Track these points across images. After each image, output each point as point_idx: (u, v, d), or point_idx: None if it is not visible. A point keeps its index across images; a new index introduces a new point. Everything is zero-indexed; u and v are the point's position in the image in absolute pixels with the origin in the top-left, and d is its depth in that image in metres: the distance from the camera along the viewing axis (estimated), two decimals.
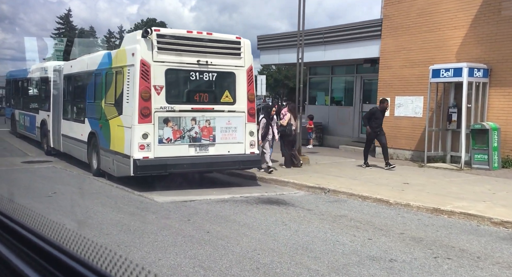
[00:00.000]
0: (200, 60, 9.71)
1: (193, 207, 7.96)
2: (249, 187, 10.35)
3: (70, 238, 1.59)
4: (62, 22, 79.11)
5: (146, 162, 9.37)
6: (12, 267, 1.30)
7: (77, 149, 13.03)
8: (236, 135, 10.20)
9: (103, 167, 11.16)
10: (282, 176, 10.97)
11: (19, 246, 1.40)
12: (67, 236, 1.61)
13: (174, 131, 9.66)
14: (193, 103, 9.84)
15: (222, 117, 10.05)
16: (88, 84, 12.33)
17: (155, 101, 9.46)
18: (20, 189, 9.63)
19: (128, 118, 9.68)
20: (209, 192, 9.64)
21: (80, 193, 9.35)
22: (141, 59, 9.32)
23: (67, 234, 1.62)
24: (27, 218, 1.81)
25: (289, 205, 8.15)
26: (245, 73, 10.26)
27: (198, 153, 9.90)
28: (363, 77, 16.81)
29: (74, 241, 1.57)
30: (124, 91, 9.89)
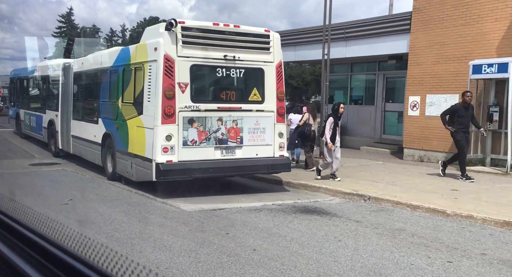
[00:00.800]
0: (227, 55, 8.95)
1: (226, 217, 7.21)
2: (277, 192, 9.60)
3: (71, 237, 1.56)
4: (63, 20, 78.31)
5: (169, 166, 8.62)
6: (13, 266, 1.32)
7: (90, 151, 12.27)
8: (264, 137, 9.44)
9: (119, 170, 10.41)
10: (311, 180, 10.22)
11: (20, 245, 1.42)
12: (68, 235, 1.58)
13: (199, 133, 8.91)
14: (219, 102, 9.08)
15: (250, 117, 9.29)
16: (102, 82, 11.57)
17: (179, 100, 8.71)
18: (32, 196, 8.88)
19: (149, 119, 8.93)
20: (236, 198, 8.89)
21: (98, 200, 8.60)
22: (164, 54, 8.56)
23: (68, 233, 1.59)
24: (27, 217, 1.81)
25: (332, 215, 7.38)
26: (274, 69, 9.49)
27: (225, 156, 9.14)
28: (385, 75, 16.05)
29: (75, 240, 1.54)
30: (145, 89, 9.14)
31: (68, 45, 55.53)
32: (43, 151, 16.19)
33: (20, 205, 2.05)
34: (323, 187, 9.41)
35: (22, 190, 9.63)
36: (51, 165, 13.68)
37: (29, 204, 7.13)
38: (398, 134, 15.71)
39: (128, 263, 1.25)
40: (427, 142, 12.75)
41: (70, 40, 69.00)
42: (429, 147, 12.76)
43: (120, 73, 10.35)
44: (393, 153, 14.98)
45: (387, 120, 16.17)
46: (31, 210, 1.92)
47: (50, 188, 9.79)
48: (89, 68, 12.48)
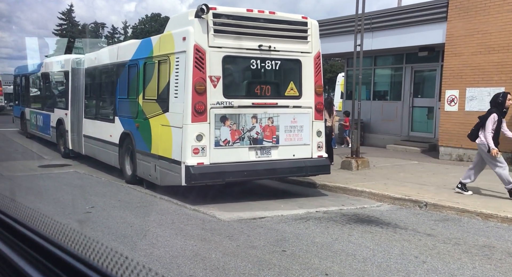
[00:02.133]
0: (262, 45, 8.07)
1: (271, 228, 6.34)
2: (315, 197, 8.72)
3: (72, 238, 1.55)
4: (64, 18, 77.29)
5: (201, 169, 7.76)
6: (14, 266, 1.32)
7: (105, 152, 11.41)
8: (302, 136, 8.57)
9: (140, 173, 9.56)
10: (350, 182, 9.37)
11: (22, 246, 1.42)
12: (69, 236, 1.56)
13: (233, 132, 8.04)
14: (254, 97, 8.21)
15: (286, 114, 8.42)
16: (119, 78, 10.69)
17: (211, 95, 7.84)
18: (49, 202, 8.03)
19: (177, 117, 8.06)
20: (273, 204, 8.03)
21: (122, 207, 7.75)
22: (194, 44, 7.68)
23: (69, 233, 1.58)
24: (29, 218, 1.79)
25: (393, 226, 6.48)
26: (312, 60, 8.61)
27: (260, 157, 8.28)
28: (414, 68, 15.14)
29: (76, 240, 1.52)
30: (171, 84, 8.27)
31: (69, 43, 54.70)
32: (51, 152, 15.36)
33: (21, 205, 1.99)
34: (366, 191, 8.54)
35: (36, 195, 8.78)
36: (62, 166, 12.85)
37: (48, 212, 6.05)
38: (428, 131, 14.83)
39: (128, 262, 1.24)
40: (467, 140, 11.81)
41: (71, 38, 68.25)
42: (469, 145, 11.81)
43: (141, 67, 9.47)
44: (424, 152, 14.09)
45: (416, 116, 15.26)
46: (32, 210, 1.88)
47: (67, 193, 8.93)
48: (103, 63, 11.60)
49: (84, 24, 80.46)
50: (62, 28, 76.74)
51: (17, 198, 7.87)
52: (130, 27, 77.84)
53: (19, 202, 2.02)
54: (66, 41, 56.67)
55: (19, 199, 4.85)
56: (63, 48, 55.30)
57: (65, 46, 44.75)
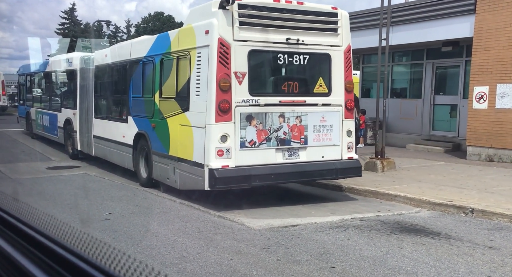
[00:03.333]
0: (290, 38, 7.50)
1: (309, 239, 5.78)
2: (345, 202, 8.16)
3: (76, 237, 1.53)
4: (66, 17, 76.76)
5: (226, 173, 7.20)
6: (18, 265, 1.32)
7: (117, 154, 10.87)
8: (331, 136, 8.01)
9: (156, 176, 9.02)
10: (380, 186, 8.80)
11: (25, 245, 1.42)
12: (72, 235, 1.55)
13: (259, 132, 7.48)
14: (281, 95, 7.65)
15: (315, 112, 7.86)
16: (132, 76, 10.14)
17: (236, 92, 7.28)
18: (64, 209, 7.50)
19: (198, 116, 7.51)
20: (302, 210, 7.48)
21: (142, 214, 7.21)
22: (219, 38, 7.12)
23: (72, 232, 1.57)
24: (32, 217, 1.78)
25: (446, 237, 5.84)
26: (343, 54, 8.04)
27: (287, 159, 7.72)
28: (435, 64, 14.54)
29: (80, 239, 1.51)
30: (192, 81, 7.71)
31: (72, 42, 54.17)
32: (59, 153, 14.85)
33: (23, 203, 1.97)
34: (400, 195, 7.97)
35: (49, 200, 8.26)
36: (71, 168, 12.34)
37: (64, 219, 5.59)
38: (451, 130, 14.24)
39: (131, 261, 1.23)
40: (498, 139, 11.27)
41: (73, 37, 67.74)
42: (500, 144, 11.30)
43: (157, 64, 8.92)
44: (447, 152, 13.50)
45: (437, 115, 14.66)
46: (34, 209, 1.85)
47: (81, 198, 8.40)
48: (115, 60, 11.05)
49: (87, 23, 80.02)
50: (65, 27, 76.23)
51: (30, 203, 7.33)
52: (133, 26, 77.31)
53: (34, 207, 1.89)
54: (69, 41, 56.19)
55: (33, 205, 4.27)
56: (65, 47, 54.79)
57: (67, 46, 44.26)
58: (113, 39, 72.42)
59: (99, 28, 54.58)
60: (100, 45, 27.58)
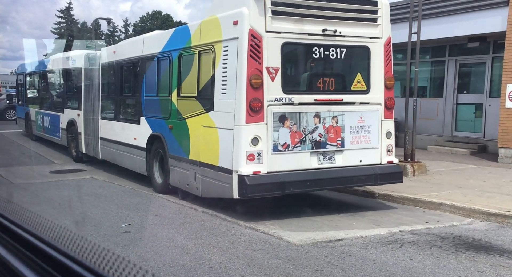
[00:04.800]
0: (326, 29, 6.78)
1: (365, 258, 5.05)
2: (384, 211, 7.43)
3: (67, 238, 1.54)
4: (62, 16, 75.76)
5: (257, 179, 6.47)
6: (11, 268, 1.32)
7: (128, 157, 10.12)
8: (370, 138, 7.29)
9: (174, 182, 8.28)
10: (417, 192, 8.11)
11: (18, 247, 1.43)
12: (63, 236, 1.55)
13: (293, 134, 6.76)
14: (316, 92, 6.92)
15: (353, 112, 7.14)
16: (145, 73, 9.39)
17: (268, 90, 6.56)
18: (76, 218, 6.75)
19: (225, 116, 6.78)
20: (341, 220, 6.76)
21: (164, 225, 6.47)
22: (249, 29, 6.39)
23: (63, 233, 1.57)
24: (25, 219, 1.79)
25: None
26: (383, 47, 7.32)
27: (322, 163, 7.00)
28: (458, 61, 13.85)
29: (71, 240, 1.51)
30: (217, 78, 6.98)
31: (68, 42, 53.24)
32: (61, 155, 14.11)
33: (18, 206, 1.96)
34: (446, 204, 7.25)
35: (59, 208, 7.51)
36: (76, 172, 11.60)
37: (81, 232, 4.91)
38: (476, 131, 13.54)
39: (125, 264, 1.23)
40: None
41: (70, 37, 66.79)
42: None
43: (174, 60, 8.18)
44: (473, 154, 12.80)
45: (461, 114, 13.96)
46: (29, 212, 1.86)
47: (94, 206, 7.64)
48: (125, 57, 10.30)
49: (83, 22, 79.01)
50: (61, 26, 75.24)
51: (41, 214, 6.57)
52: (131, 24, 76.33)
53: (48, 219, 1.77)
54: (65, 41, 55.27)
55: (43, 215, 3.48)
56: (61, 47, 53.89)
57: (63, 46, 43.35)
58: (110, 38, 71.52)
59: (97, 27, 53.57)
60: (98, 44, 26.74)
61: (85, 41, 57.26)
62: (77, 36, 68.88)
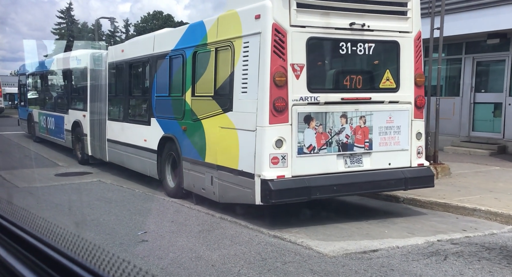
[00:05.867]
0: (354, 22, 6.34)
1: (410, 273, 4.61)
2: (414, 217, 6.98)
3: (66, 239, 1.52)
4: (63, 16, 75.32)
5: (282, 184, 6.04)
6: (10, 268, 1.33)
7: (137, 160, 9.69)
8: (399, 139, 6.85)
9: (188, 186, 7.86)
10: (445, 196, 7.67)
11: (18, 248, 1.43)
12: (63, 237, 1.54)
13: (318, 135, 6.32)
14: (343, 91, 6.48)
15: (381, 111, 6.70)
16: (156, 72, 8.95)
17: (293, 89, 6.12)
18: (90, 227, 6.32)
19: (246, 117, 6.34)
20: (371, 228, 6.33)
21: (183, 233, 6.03)
22: (273, 23, 5.96)
23: (63, 234, 1.56)
24: (25, 220, 1.77)
25: None
26: (413, 42, 6.88)
27: (349, 167, 6.56)
28: (475, 59, 13.40)
29: (70, 241, 1.50)
30: (236, 76, 6.55)
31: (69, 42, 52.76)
32: (65, 158, 13.70)
33: (17, 207, 1.97)
34: (481, 209, 6.80)
35: (69, 214, 7.11)
36: (82, 174, 11.18)
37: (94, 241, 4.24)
38: (495, 131, 13.08)
39: (125, 265, 1.23)
40: None
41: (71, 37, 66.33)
42: None
43: (188, 58, 7.75)
44: (493, 155, 12.37)
45: (478, 114, 13.51)
46: (27, 212, 1.86)
47: (105, 212, 7.21)
48: (135, 56, 9.86)
49: (84, 23, 78.55)
50: (61, 27, 74.79)
51: (51, 220, 6.14)
52: (132, 25, 75.86)
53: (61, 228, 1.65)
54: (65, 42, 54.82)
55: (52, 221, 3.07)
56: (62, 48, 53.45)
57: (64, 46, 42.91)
58: (111, 39, 71.07)
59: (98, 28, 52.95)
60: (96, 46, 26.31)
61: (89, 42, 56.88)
62: (78, 36, 68.41)
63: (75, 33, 71.36)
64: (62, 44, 59.97)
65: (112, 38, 73.23)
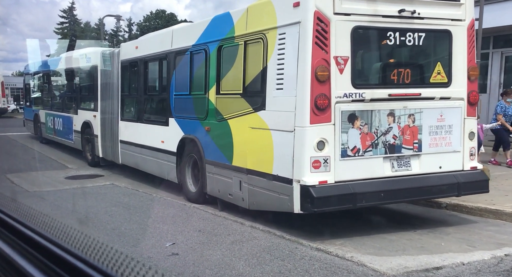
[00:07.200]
0: (404, 9, 5.68)
1: None
2: (466, 226, 6.31)
3: (72, 236, 1.51)
4: (65, 16, 74.80)
5: (325, 191, 5.39)
6: (16, 266, 1.32)
7: (154, 162, 9.06)
8: (451, 140, 6.18)
9: (212, 191, 7.23)
10: (493, 202, 7.02)
11: (23, 246, 1.42)
12: (69, 234, 1.52)
13: (363, 136, 5.67)
14: (390, 86, 5.82)
15: (432, 109, 6.03)
16: (175, 69, 8.30)
17: (336, 84, 5.47)
18: (112, 236, 5.70)
19: (281, 116, 5.70)
20: (424, 240, 5.68)
21: (215, 244, 5.38)
22: (315, 10, 5.30)
23: (69, 232, 1.54)
24: (29, 217, 1.76)
25: None
26: (466, 32, 6.20)
27: (397, 171, 5.90)
28: (504, 53, 12.74)
29: (76, 239, 1.47)
30: (269, 71, 5.90)
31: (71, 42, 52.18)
32: (74, 159, 13.12)
33: (22, 205, 1.95)
34: None
35: (87, 223, 6.49)
36: (93, 177, 10.60)
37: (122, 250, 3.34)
38: None
39: (128, 261, 1.22)
40: None
41: (73, 37, 65.75)
42: None
43: (212, 53, 7.10)
44: None
45: None
46: (31, 209, 1.84)
47: (125, 220, 6.58)
48: (150, 52, 9.22)
49: (86, 22, 77.97)
50: (64, 26, 74.26)
51: (70, 230, 5.51)
52: (135, 24, 75.17)
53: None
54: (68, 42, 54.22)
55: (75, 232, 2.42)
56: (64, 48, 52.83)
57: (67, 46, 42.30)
58: (114, 38, 70.48)
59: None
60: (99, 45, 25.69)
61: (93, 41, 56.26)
62: (81, 36, 67.83)
63: (77, 32, 70.82)
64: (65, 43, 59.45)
65: (115, 37, 72.67)
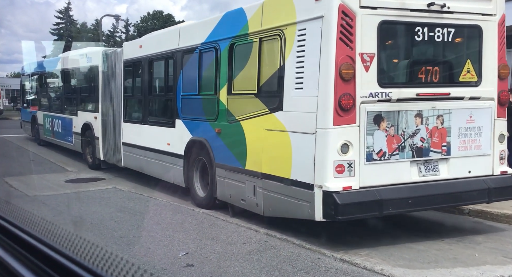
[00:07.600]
0: (433, 3, 5.31)
1: None
2: (495, 234, 5.93)
3: (65, 238, 1.51)
4: (61, 16, 74.19)
5: (350, 197, 5.01)
6: (8, 268, 1.31)
7: (159, 165, 8.67)
8: (480, 142, 5.81)
9: (224, 196, 6.85)
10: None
11: (16, 248, 1.42)
12: (62, 237, 1.52)
13: (390, 138, 5.29)
14: (418, 85, 5.45)
15: (461, 109, 5.66)
16: (182, 69, 7.91)
17: (362, 83, 5.09)
18: (122, 246, 5.29)
19: (301, 117, 5.31)
20: (455, 250, 5.33)
21: (231, 255, 4.99)
22: (340, 4, 4.93)
23: (62, 234, 1.54)
24: (23, 220, 1.76)
25: None
26: (496, 27, 5.84)
27: (424, 176, 5.52)
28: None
29: (69, 241, 1.48)
30: (288, 69, 5.52)
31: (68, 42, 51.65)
32: (74, 162, 12.71)
33: (15, 207, 1.95)
34: None
35: (93, 230, 6.12)
36: (94, 181, 10.21)
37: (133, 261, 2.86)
38: None
39: (123, 263, 1.22)
40: None
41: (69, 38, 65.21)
42: None
43: (223, 51, 6.71)
44: None
45: None
46: (24, 211, 1.84)
47: (132, 226, 6.19)
48: (155, 51, 8.82)
49: (83, 23, 77.34)
50: (60, 27, 73.64)
51: (77, 240, 5.10)
52: (132, 25, 74.63)
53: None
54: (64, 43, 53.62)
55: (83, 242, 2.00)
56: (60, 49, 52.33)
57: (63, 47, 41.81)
58: (111, 40, 69.92)
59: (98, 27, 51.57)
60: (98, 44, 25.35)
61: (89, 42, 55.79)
62: (77, 37, 67.28)
63: (74, 33, 70.25)
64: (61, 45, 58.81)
65: (112, 38, 72.10)
